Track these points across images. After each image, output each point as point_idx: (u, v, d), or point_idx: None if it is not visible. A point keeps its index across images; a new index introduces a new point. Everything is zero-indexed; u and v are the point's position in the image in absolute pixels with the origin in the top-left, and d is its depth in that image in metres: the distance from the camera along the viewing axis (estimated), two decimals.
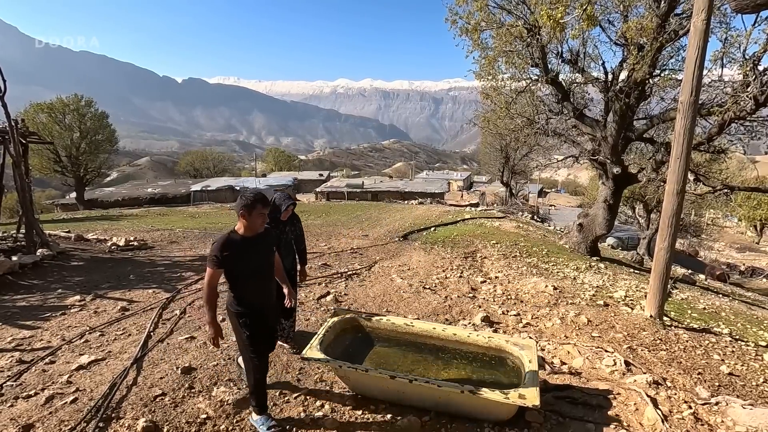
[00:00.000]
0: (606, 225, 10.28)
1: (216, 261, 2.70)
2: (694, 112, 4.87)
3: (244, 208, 2.72)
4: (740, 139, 8.77)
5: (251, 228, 2.78)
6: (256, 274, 2.87)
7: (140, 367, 3.62)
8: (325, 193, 41.07)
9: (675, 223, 5.06)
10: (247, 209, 2.72)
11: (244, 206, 2.72)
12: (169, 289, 6.00)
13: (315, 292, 6.00)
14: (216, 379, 3.46)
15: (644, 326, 4.96)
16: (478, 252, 9.26)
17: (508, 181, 29.19)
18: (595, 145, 10.18)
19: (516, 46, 8.88)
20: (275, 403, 3.18)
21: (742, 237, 42.65)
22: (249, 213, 2.73)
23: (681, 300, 7.29)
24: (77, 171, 29.86)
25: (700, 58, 4.69)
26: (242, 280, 2.83)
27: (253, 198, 2.73)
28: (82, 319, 4.83)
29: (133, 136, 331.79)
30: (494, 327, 4.87)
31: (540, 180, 55.56)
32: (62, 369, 3.59)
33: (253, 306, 2.86)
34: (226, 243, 2.73)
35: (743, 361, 4.34)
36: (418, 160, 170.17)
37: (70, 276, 6.67)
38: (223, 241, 2.72)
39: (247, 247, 2.79)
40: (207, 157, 59.56)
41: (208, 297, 2.78)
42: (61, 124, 29.06)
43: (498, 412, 2.89)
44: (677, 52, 8.66)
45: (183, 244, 9.74)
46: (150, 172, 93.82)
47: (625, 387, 3.30)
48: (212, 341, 2.83)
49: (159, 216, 17.19)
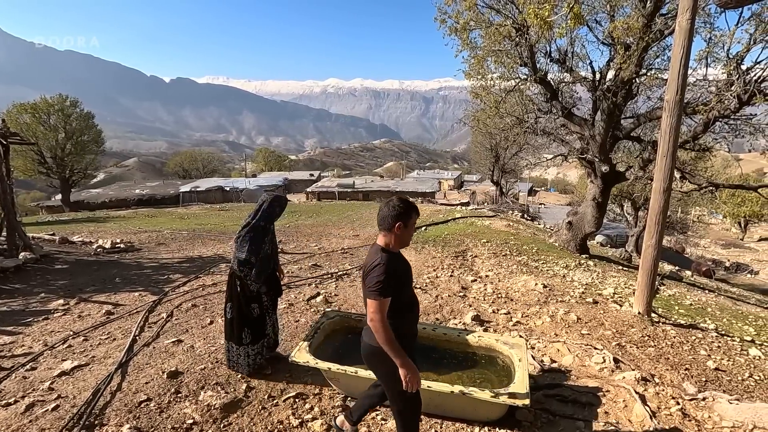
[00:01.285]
0: (595, 223, 10.38)
1: (386, 287, 2.11)
2: (680, 110, 4.92)
3: (401, 217, 2.18)
4: (724, 137, 8.90)
5: (404, 243, 2.26)
6: (413, 298, 2.40)
7: (125, 372, 3.55)
8: (316, 193, 40.93)
9: (662, 220, 5.11)
10: (405, 219, 2.19)
11: (398, 215, 2.18)
12: (156, 292, 5.91)
13: (305, 293, 5.95)
14: (203, 383, 3.40)
15: (633, 323, 5.01)
16: (469, 251, 9.28)
17: (499, 180, 29.32)
18: (583, 143, 10.27)
19: (505, 45, 8.91)
20: (264, 407, 3.14)
21: (727, 233, 43.45)
22: (406, 224, 2.21)
23: (668, 296, 7.38)
24: (63, 172, 29.33)
25: (685, 57, 4.74)
26: (401, 308, 2.27)
27: (407, 205, 2.23)
28: (65, 323, 4.73)
29: (120, 136, 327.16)
30: (485, 326, 4.87)
31: (530, 179, 56.02)
32: (44, 375, 3.50)
33: (409, 339, 2.34)
34: (391, 262, 2.17)
35: (729, 356, 4.39)
36: (409, 159, 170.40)
37: (53, 279, 6.53)
38: (387, 261, 2.15)
39: (406, 268, 2.31)
40: (196, 158, 58.95)
41: (388, 335, 2.11)
42: (45, 125, 28.51)
43: (489, 411, 2.88)
44: (663, 52, 8.77)
45: (171, 246, 9.61)
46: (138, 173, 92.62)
47: (614, 384, 3.32)
48: (413, 385, 2.16)
49: (147, 217, 16.95)
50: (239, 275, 3.42)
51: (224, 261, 7.99)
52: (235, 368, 3.55)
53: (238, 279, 3.45)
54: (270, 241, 3.53)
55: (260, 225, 3.43)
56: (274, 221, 3.56)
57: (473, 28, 9.08)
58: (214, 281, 6.51)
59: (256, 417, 3.03)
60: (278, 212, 3.55)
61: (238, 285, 3.46)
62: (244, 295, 3.46)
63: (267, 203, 3.48)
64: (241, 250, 3.36)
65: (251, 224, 3.42)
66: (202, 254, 8.68)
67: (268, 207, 3.47)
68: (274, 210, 3.51)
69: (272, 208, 3.50)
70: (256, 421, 2.99)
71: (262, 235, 3.43)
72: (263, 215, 3.44)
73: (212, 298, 5.64)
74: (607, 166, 9.68)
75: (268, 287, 3.59)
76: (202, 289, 6.05)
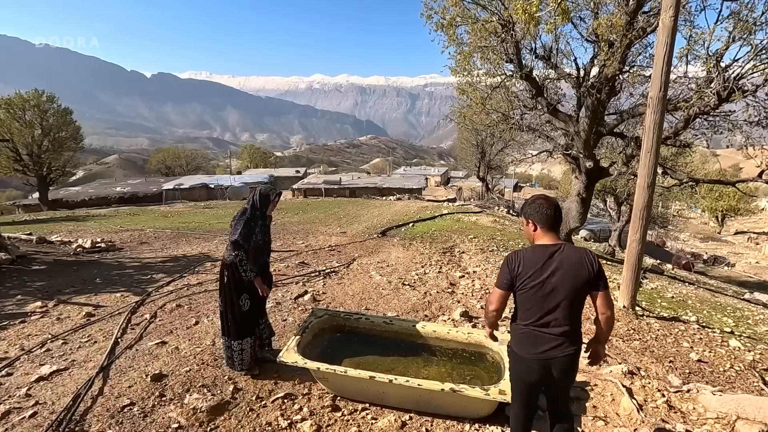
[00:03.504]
0: (579, 218, 10.52)
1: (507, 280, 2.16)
2: (663, 106, 4.99)
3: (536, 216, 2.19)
4: (704, 133, 9.09)
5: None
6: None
7: (107, 376, 3.44)
8: (302, 190, 40.61)
9: (646, 215, 5.18)
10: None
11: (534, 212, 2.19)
12: (139, 292, 5.76)
13: (292, 291, 5.88)
14: (188, 385, 3.32)
15: (618, 317, 5.08)
16: (456, 247, 9.31)
17: (485, 176, 29.52)
18: (568, 139, 10.38)
19: (491, 41, 8.93)
20: (251, 408, 3.08)
21: (706, 227, 44.70)
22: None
23: (651, 289, 7.54)
24: (40, 170, 28.42)
25: (668, 55, 4.80)
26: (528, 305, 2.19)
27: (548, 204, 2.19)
28: (43, 326, 4.56)
29: (99, 133, 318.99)
30: (473, 322, 4.88)
31: (515, 175, 56.57)
32: (20, 381, 3.37)
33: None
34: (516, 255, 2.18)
35: (710, 347, 4.50)
36: (395, 155, 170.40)
37: (30, 281, 6.31)
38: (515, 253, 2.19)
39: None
40: (179, 155, 57.92)
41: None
42: (20, 121, 27.54)
43: (479, 408, 2.88)
44: (645, 49, 8.93)
45: (154, 245, 9.40)
46: (119, 171, 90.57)
47: (601, 378, 3.36)
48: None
49: (129, 216, 16.56)
50: (230, 263, 3.36)
51: (210, 260, 7.85)
52: (229, 365, 3.52)
53: (227, 269, 3.40)
54: (261, 231, 3.49)
55: (251, 211, 3.44)
56: (266, 209, 3.53)
57: (459, 24, 9.07)
58: (199, 280, 6.38)
59: (243, 419, 2.97)
60: (272, 198, 3.53)
61: (227, 275, 3.41)
62: (234, 286, 3.40)
63: (259, 192, 3.51)
64: (233, 233, 3.36)
65: (245, 209, 3.45)
66: (187, 253, 8.52)
67: (261, 195, 3.50)
68: (267, 196, 3.50)
69: (265, 193, 3.51)
70: (244, 423, 2.93)
71: (253, 220, 3.42)
72: (254, 204, 3.46)
73: (197, 298, 5.53)
74: (592, 162, 9.81)
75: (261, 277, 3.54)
76: (187, 289, 5.92)
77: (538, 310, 2.11)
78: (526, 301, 2.14)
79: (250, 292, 3.47)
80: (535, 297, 2.10)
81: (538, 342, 2.13)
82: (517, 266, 2.13)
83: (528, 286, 2.10)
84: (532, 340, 2.15)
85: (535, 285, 2.09)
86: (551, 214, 2.15)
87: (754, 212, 43.31)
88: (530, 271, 2.09)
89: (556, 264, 2.08)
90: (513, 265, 2.15)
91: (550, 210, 2.15)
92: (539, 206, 2.18)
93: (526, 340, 2.17)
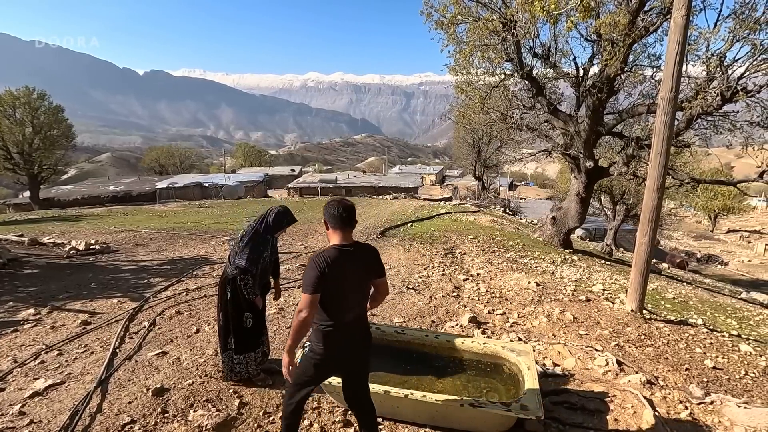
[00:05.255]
0: (578, 218, 10.47)
1: None
2: (674, 107, 4.91)
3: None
4: (704, 133, 9.08)
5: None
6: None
7: (105, 391, 3.29)
8: (297, 189, 40.35)
9: (656, 218, 5.11)
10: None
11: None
12: (136, 298, 5.58)
13: (295, 296, 5.74)
14: (192, 400, 3.18)
15: (627, 321, 5.00)
16: (457, 248, 9.21)
17: (481, 175, 29.47)
18: (567, 139, 10.31)
19: (491, 40, 8.83)
20: (259, 425, 2.95)
21: (699, 226, 45.07)
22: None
23: (652, 290, 7.48)
24: (31, 168, 27.93)
25: (679, 54, 4.71)
26: None
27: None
28: (37, 335, 4.39)
29: (92, 131, 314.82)
30: (481, 327, 4.78)
31: (510, 173, 56.64)
32: (13, 397, 3.21)
33: None
34: None
35: (723, 353, 4.42)
36: (390, 154, 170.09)
37: (23, 286, 6.11)
38: None
39: None
40: (173, 153, 57.21)
41: None
42: (11, 119, 27.03)
43: (498, 423, 2.77)
44: (645, 49, 8.89)
45: (150, 247, 9.20)
46: (112, 169, 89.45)
47: (620, 388, 3.26)
48: None
49: (123, 216, 16.26)
50: (232, 281, 3.21)
51: (208, 262, 7.67)
52: (229, 378, 3.39)
53: (230, 285, 3.24)
54: (270, 253, 3.33)
55: (263, 234, 3.25)
56: (277, 233, 3.35)
57: (460, 22, 8.95)
58: (198, 285, 6.22)
59: None
60: (284, 226, 3.34)
61: (229, 293, 3.25)
62: (235, 304, 3.25)
63: (274, 214, 3.28)
64: (241, 256, 3.18)
65: (256, 229, 3.26)
66: (184, 255, 8.33)
67: (275, 218, 3.27)
68: (281, 222, 3.30)
69: (279, 219, 3.29)
70: None
71: (263, 245, 3.24)
72: (267, 226, 3.26)
73: (197, 304, 5.37)
74: (592, 162, 9.75)
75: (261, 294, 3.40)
76: (186, 294, 5.76)
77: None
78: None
79: (253, 311, 3.34)
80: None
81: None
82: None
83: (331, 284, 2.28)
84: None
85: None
86: (343, 215, 2.34)
87: (746, 210, 43.70)
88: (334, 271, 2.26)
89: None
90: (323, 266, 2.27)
91: (340, 210, 2.33)
92: (331, 207, 2.35)
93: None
